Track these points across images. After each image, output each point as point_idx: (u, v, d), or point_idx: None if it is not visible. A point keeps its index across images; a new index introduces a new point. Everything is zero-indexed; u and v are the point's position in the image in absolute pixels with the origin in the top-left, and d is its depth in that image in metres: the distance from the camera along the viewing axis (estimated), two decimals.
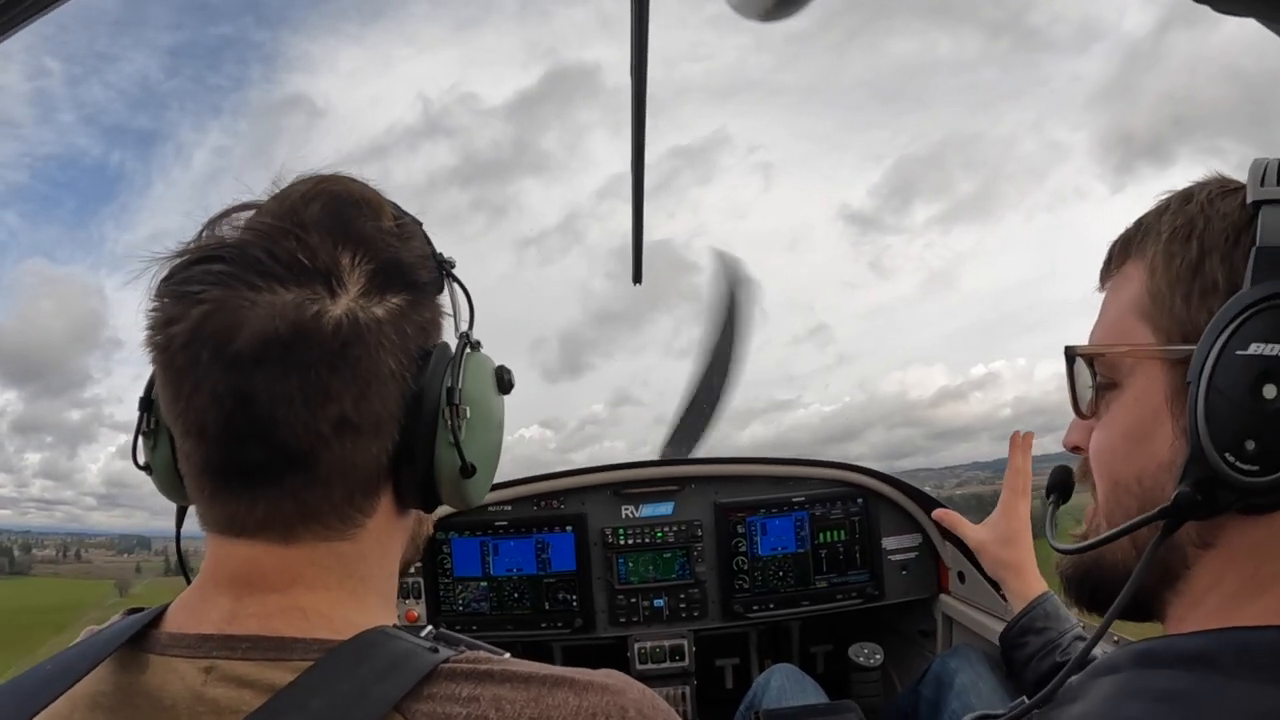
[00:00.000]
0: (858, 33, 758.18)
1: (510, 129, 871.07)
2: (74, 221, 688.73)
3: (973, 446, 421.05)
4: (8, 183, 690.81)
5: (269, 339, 0.55)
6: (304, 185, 0.62)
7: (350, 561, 0.62)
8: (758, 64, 71.88)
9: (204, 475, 0.59)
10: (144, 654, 0.58)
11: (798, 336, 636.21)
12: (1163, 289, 0.60)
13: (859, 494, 2.33)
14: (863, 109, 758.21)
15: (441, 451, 0.63)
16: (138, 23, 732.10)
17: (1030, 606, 1.42)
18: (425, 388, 0.62)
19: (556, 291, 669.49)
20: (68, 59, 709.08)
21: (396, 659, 0.56)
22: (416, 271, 0.64)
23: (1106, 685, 0.57)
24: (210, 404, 0.56)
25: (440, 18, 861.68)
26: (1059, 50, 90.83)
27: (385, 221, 0.63)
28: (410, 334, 0.62)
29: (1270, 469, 0.50)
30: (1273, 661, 0.50)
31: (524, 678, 0.57)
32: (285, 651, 0.56)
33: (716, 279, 3.09)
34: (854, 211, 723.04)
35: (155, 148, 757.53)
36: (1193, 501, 0.54)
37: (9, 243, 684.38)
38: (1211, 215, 0.58)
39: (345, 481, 0.60)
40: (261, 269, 0.56)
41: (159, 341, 0.57)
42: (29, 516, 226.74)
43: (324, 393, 0.57)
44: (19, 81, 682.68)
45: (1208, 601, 0.58)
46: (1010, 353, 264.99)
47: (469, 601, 2.27)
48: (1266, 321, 0.51)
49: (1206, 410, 0.53)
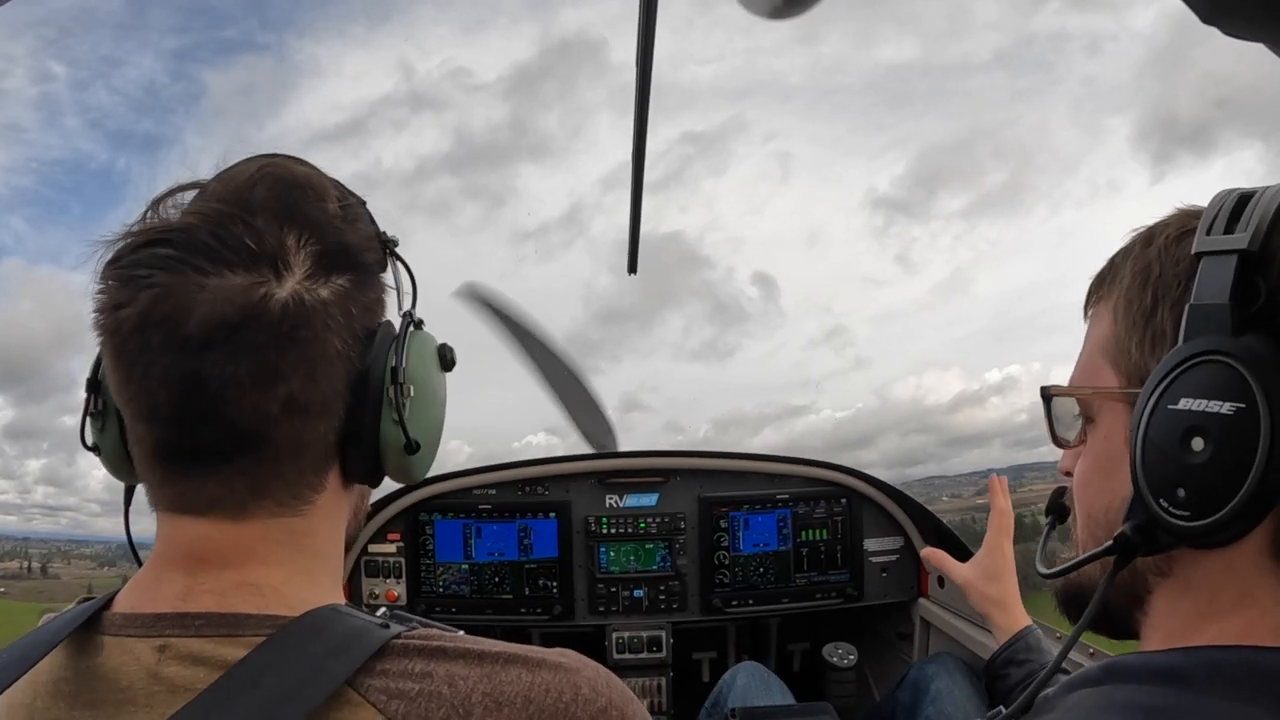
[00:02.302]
0: (886, 17, 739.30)
1: (507, 108, 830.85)
2: (80, 227, 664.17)
3: (984, 453, 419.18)
4: (13, 187, 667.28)
5: (218, 323, 0.55)
6: (249, 167, 0.63)
7: (301, 537, 0.63)
8: (775, 50, 68.89)
9: (155, 457, 0.59)
10: (99, 636, 0.58)
11: (814, 340, 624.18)
12: (1122, 334, 0.62)
13: (843, 494, 2.34)
14: (890, 95, 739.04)
15: (387, 429, 0.64)
16: (142, 26, 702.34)
17: (1014, 639, 1.47)
18: (370, 367, 0.63)
19: (559, 289, 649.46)
20: (72, 63, 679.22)
21: (349, 635, 0.56)
22: (361, 253, 0.65)
23: (1083, 697, 0.58)
24: (161, 387, 0.56)
25: (448, 21, 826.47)
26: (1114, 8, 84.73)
27: (330, 204, 0.64)
28: (356, 314, 0.63)
29: (1200, 515, 0.52)
30: (1242, 680, 0.52)
31: (477, 654, 0.58)
32: (239, 628, 0.56)
33: (483, 317, 3.05)
34: (881, 195, 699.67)
35: (161, 152, 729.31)
36: (1133, 542, 0.57)
37: (15, 248, 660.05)
38: (1165, 261, 0.60)
39: (295, 459, 0.61)
40: (209, 253, 0.56)
41: (107, 324, 0.57)
42: (34, 523, 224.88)
43: (273, 374, 0.57)
44: (24, 85, 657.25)
45: (1167, 625, 0.60)
46: (1026, 357, 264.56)
47: (450, 584, 2.27)
48: (1193, 379, 0.54)
49: (1143, 458, 0.56)
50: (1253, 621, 0.54)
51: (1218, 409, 0.52)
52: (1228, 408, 0.51)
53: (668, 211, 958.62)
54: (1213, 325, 0.54)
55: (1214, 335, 0.54)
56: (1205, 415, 0.52)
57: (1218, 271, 0.54)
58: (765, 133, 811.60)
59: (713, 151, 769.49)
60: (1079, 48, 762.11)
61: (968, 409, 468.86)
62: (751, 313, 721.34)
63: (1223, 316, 0.53)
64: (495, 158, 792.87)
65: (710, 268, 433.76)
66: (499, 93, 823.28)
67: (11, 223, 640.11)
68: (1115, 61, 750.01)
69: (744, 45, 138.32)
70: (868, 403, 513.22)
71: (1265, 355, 0.51)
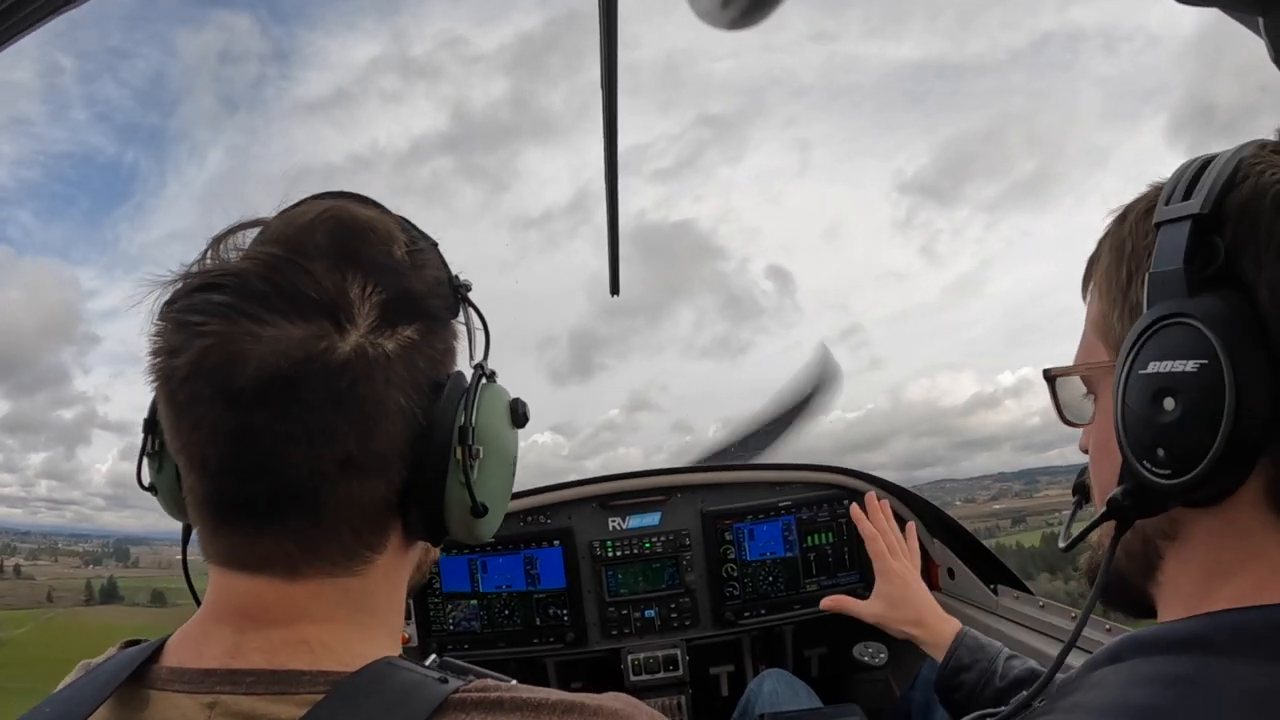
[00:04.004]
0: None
1: (508, 83, 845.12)
2: (88, 221, 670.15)
3: (994, 456, 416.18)
4: (21, 180, 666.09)
5: (273, 377, 0.53)
6: (313, 208, 0.60)
7: (357, 597, 0.61)
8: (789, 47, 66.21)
9: (205, 508, 0.58)
10: (144, 690, 0.57)
11: (829, 339, 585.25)
12: (1106, 309, 0.65)
13: (845, 495, 2.34)
14: (915, 85, 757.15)
15: (452, 490, 0.61)
16: (150, 18, 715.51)
17: (952, 648, 1.39)
18: (435, 423, 0.60)
19: (565, 280, 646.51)
20: (80, 55, 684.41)
21: (406, 691, 0.55)
22: (430, 300, 0.62)
23: (1109, 674, 0.58)
24: (211, 440, 0.55)
25: (458, 15, 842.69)
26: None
27: (396, 248, 0.61)
28: (422, 367, 0.60)
29: (1181, 471, 0.54)
30: (1266, 639, 0.52)
31: (534, 705, 0.56)
32: (292, 685, 0.55)
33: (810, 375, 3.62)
34: (909, 180, 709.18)
35: (169, 146, 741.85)
36: (1123, 505, 0.59)
37: (24, 241, 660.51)
38: (1136, 235, 0.62)
39: (350, 520, 0.59)
40: (265, 301, 0.54)
41: (161, 370, 0.56)
42: (39, 516, 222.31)
43: (328, 433, 0.55)
44: (31, 78, 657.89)
45: (1180, 589, 0.61)
46: (1037, 360, 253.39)
47: (460, 620, 2.25)
48: (1158, 343, 0.56)
49: (1124, 424, 0.58)
50: (1263, 578, 0.55)
51: (1183, 368, 0.54)
52: (1191, 365, 0.53)
53: (680, 200, 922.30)
54: (1170, 290, 0.56)
55: (1172, 299, 0.56)
56: (1172, 375, 0.54)
57: (1174, 238, 0.56)
58: (784, 118, 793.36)
59: (729, 135, 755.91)
60: (1103, 44, 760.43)
61: (982, 411, 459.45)
62: (766, 307, 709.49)
63: (1178, 280, 0.55)
64: (496, 136, 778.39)
65: (724, 259, 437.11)
66: (500, 65, 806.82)
67: (19, 216, 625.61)
68: (1153, 49, 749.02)
69: (757, 41, 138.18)
70: (879, 404, 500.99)
71: (1223, 311, 0.53)
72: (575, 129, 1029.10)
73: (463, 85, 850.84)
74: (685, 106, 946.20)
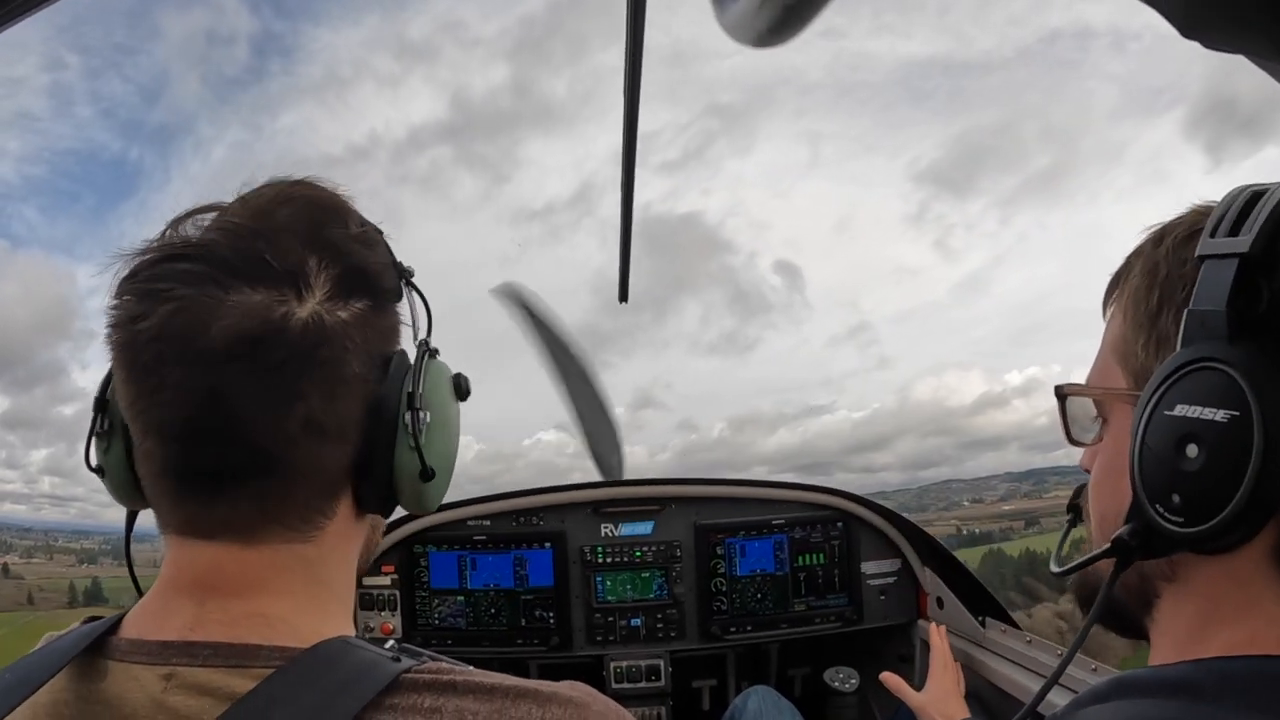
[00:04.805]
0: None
1: (509, 69, 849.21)
2: (93, 218, 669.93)
3: (1001, 456, 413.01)
4: (26, 176, 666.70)
5: (239, 336, 0.54)
6: (274, 189, 0.63)
7: (313, 565, 0.62)
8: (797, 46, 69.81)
9: (165, 476, 0.58)
10: (103, 660, 0.57)
11: (837, 337, 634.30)
12: (1130, 334, 0.62)
13: (839, 518, 2.34)
14: (924, 81, 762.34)
15: (402, 455, 0.64)
16: (154, 14, 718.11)
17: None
18: (386, 393, 0.63)
19: (568, 275, 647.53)
20: (84, 51, 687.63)
21: (359, 669, 0.55)
22: (380, 279, 0.65)
23: (1093, 714, 0.58)
24: (175, 400, 0.55)
25: (464, 7, 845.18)
26: None
27: (352, 228, 0.63)
28: (373, 339, 0.62)
29: (1195, 521, 0.52)
30: (1255, 689, 0.51)
31: (487, 689, 0.57)
32: (247, 659, 0.55)
33: (514, 314, 3.01)
34: (923, 170, 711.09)
35: (173, 143, 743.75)
36: (1129, 545, 0.57)
37: (29, 237, 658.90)
38: (1172, 263, 0.60)
39: (309, 483, 0.60)
40: (230, 269, 0.56)
41: (122, 339, 0.56)
42: (43, 512, 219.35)
43: (293, 393, 0.57)
44: (36, 74, 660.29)
45: (1174, 630, 0.60)
46: (1045, 359, 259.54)
47: (446, 616, 2.24)
48: (1189, 386, 0.54)
49: (1141, 463, 0.56)
50: (1258, 630, 0.54)
51: (1212, 416, 0.52)
52: (1221, 415, 0.51)
53: (688, 192, 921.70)
54: (1209, 331, 0.54)
55: (1210, 341, 0.53)
56: (1200, 422, 0.52)
57: (1218, 276, 0.54)
58: (794, 110, 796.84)
59: (738, 126, 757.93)
60: (1112, 41, 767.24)
61: (990, 411, 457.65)
62: (775, 303, 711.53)
63: (1219, 323, 0.53)
64: (497, 125, 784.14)
65: (732, 252, 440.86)
66: (500, 51, 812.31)
67: (25, 212, 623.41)
68: (1162, 46, 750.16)
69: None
70: (885, 403, 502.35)
71: (1262, 362, 0.51)
72: (579, 117, 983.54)
73: (461, 70, 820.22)
74: (693, 97, 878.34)
